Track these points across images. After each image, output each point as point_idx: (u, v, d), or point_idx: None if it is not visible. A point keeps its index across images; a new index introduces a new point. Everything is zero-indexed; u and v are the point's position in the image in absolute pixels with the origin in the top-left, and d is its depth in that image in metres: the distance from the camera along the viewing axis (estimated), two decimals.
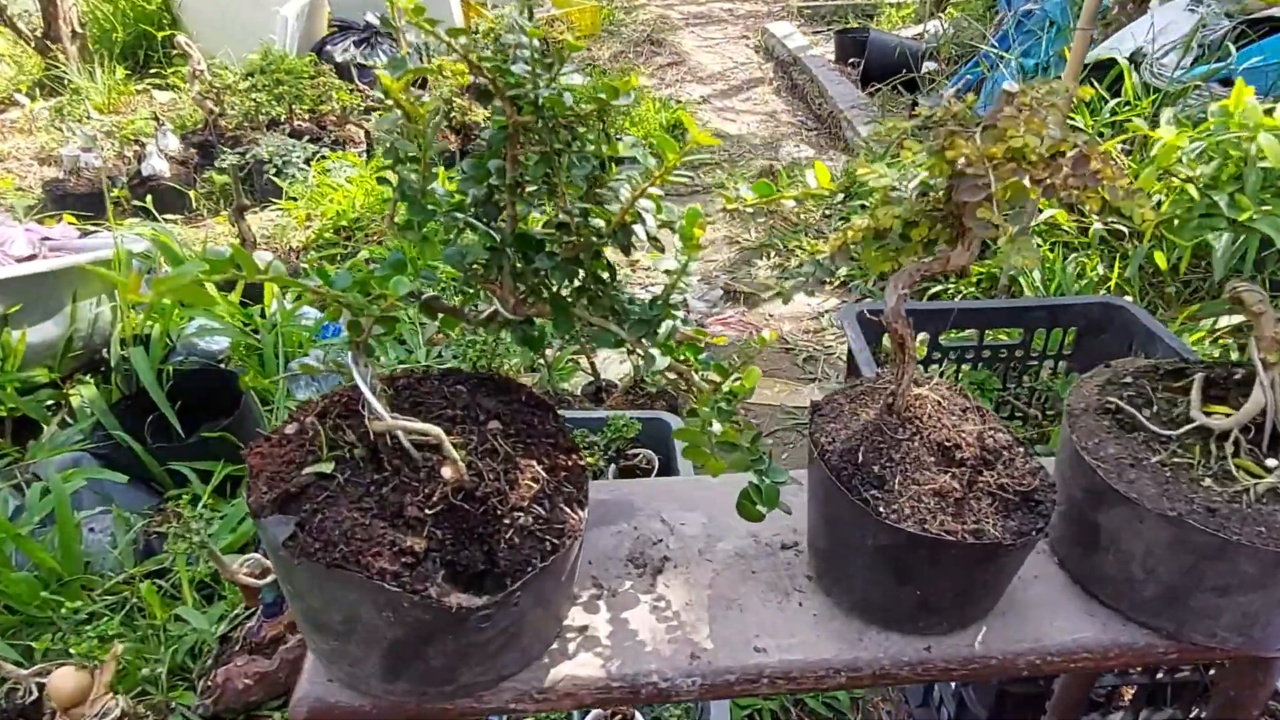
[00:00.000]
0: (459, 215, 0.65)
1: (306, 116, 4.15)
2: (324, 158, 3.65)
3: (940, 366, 2.13)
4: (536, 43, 0.58)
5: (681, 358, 0.62)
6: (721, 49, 6.45)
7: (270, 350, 2.32)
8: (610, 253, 0.66)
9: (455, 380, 0.70)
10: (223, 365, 2.28)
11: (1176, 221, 0.63)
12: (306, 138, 3.85)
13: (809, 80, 5.28)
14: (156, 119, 4.17)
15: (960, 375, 2.12)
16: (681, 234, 0.58)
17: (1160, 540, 0.64)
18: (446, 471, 0.57)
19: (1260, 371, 0.66)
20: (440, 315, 0.71)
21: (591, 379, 2.39)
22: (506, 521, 0.57)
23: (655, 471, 2.05)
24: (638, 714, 1.51)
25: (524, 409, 0.68)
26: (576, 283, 0.65)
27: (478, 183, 0.66)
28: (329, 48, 4.97)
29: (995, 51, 3.88)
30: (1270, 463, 0.66)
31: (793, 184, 3.95)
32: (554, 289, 0.64)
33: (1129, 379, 0.76)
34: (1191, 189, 0.62)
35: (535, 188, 0.64)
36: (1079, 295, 2.40)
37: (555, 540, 0.58)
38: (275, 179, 3.56)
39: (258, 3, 5.15)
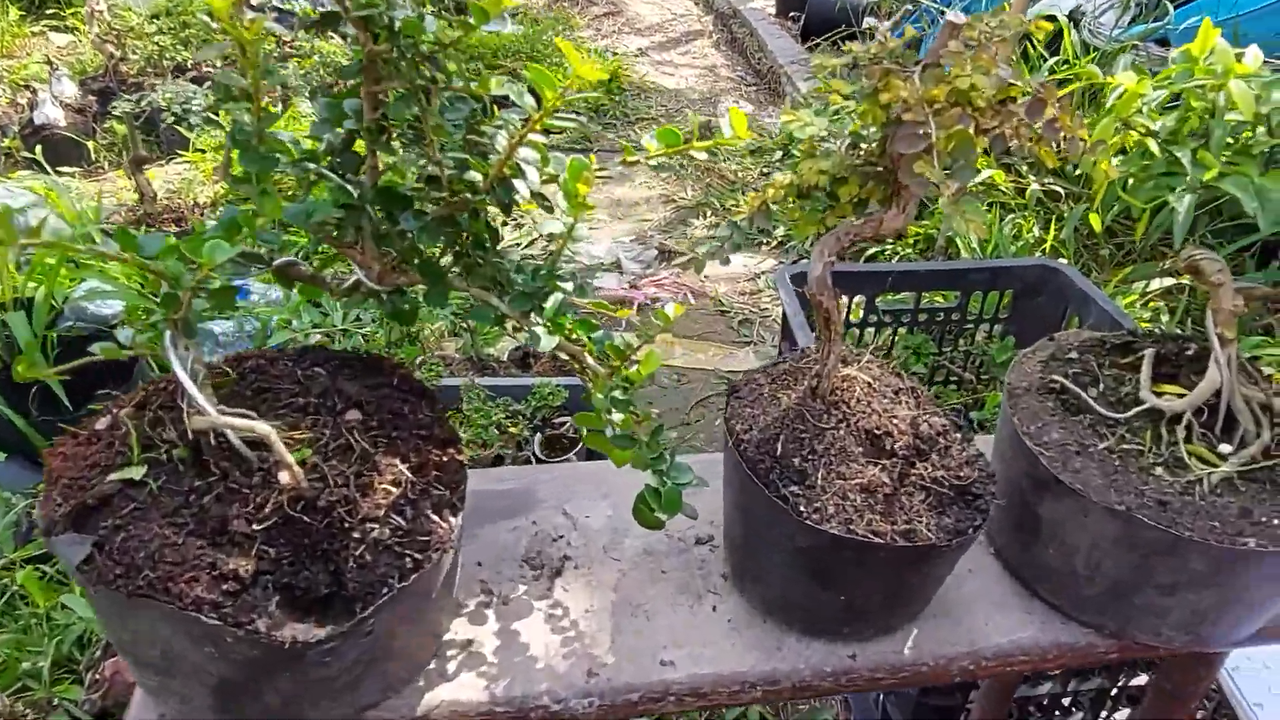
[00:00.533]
0: (310, 165, 0.54)
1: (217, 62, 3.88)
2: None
3: (876, 330, 2.08)
4: None
5: (574, 336, 0.53)
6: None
7: None
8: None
9: (314, 361, 0.60)
10: (115, 330, 2.10)
11: (1132, 180, 0.56)
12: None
13: (749, 34, 5.16)
14: (51, 63, 3.86)
15: (896, 339, 2.08)
16: (565, 190, 0.49)
17: (1106, 535, 0.58)
18: (283, 477, 0.47)
19: (1216, 348, 0.60)
20: (297, 284, 0.61)
21: (518, 344, 2.28)
22: (356, 535, 0.48)
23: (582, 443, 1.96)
24: None
25: (394, 395, 0.59)
26: (454, 248, 0.55)
27: (333, 126, 0.55)
28: None
29: (935, 7, 3.81)
30: (1224, 448, 0.60)
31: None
32: (425, 255, 0.54)
33: (1074, 354, 0.70)
34: (1151, 144, 0.54)
35: (401, 133, 0.53)
36: (1016, 258, 2.37)
37: (417, 556, 0.48)
38: (182, 129, 3.32)
39: None
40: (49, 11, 5.11)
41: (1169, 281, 1.97)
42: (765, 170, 3.59)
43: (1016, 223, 2.56)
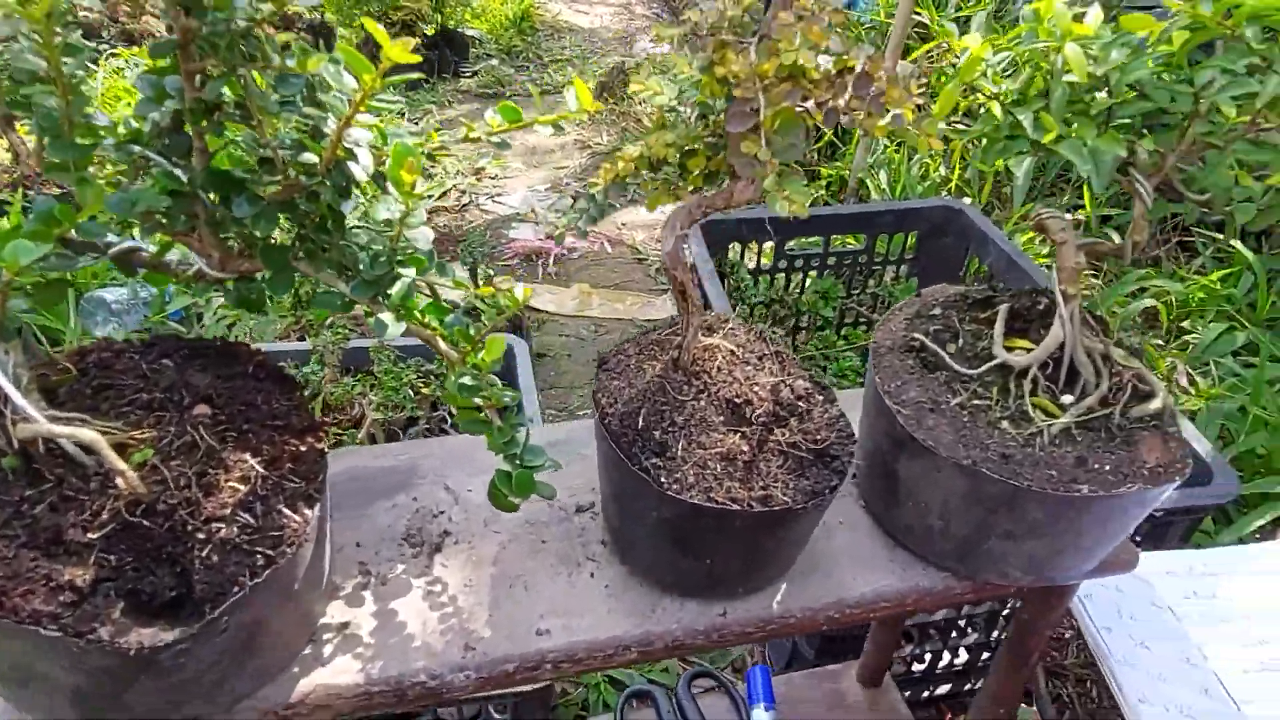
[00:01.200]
0: (135, 149, 0.51)
1: (97, 7, 3.61)
2: (115, 54, 3.20)
3: (787, 275, 2.10)
4: None
5: (426, 320, 0.52)
6: None
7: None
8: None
9: (162, 352, 0.58)
10: None
11: (984, 141, 0.58)
12: (88, 32, 3.36)
13: None
14: None
15: (807, 284, 2.11)
16: (390, 178, 0.47)
17: (956, 490, 0.61)
18: (119, 482, 0.46)
19: (1060, 304, 0.63)
20: (142, 270, 0.58)
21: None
22: (201, 536, 0.47)
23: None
24: None
25: (248, 385, 0.57)
26: (296, 232, 0.53)
27: (157, 104, 0.52)
28: None
29: None
30: (1066, 399, 0.63)
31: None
32: (262, 240, 0.52)
33: (938, 310, 0.72)
34: (995, 107, 0.56)
35: (229, 114, 0.51)
36: (922, 199, 2.42)
37: (269, 552, 0.48)
38: None
39: None
40: None
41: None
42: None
43: (924, 162, 2.60)
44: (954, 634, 1.36)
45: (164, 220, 0.51)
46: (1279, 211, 0.58)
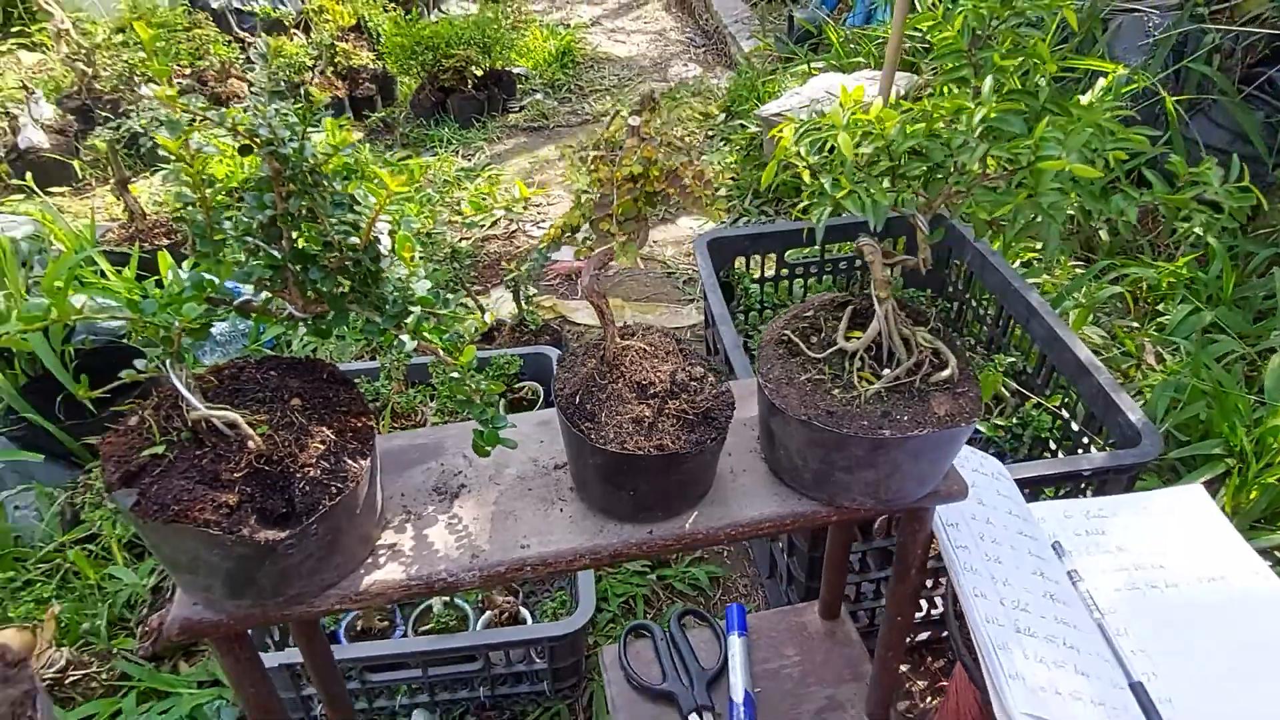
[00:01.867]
0: (248, 239, 0.82)
1: (186, 73, 4.10)
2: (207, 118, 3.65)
3: (789, 282, 2.35)
4: (291, 116, 0.75)
5: (428, 338, 0.81)
6: None
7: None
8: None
9: (269, 367, 0.89)
10: (125, 341, 2.40)
11: (807, 199, 0.83)
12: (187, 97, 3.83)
13: None
14: (26, 87, 4.07)
15: (808, 288, 2.36)
16: (398, 254, 0.77)
17: (803, 438, 0.87)
18: (250, 444, 0.76)
19: (876, 305, 0.89)
20: (254, 315, 0.89)
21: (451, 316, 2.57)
22: (299, 476, 0.77)
23: (540, 401, 2.26)
24: (522, 609, 1.76)
25: (324, 386, 0.88)
26: (349, 285, 0.84)
27: (260, 211, 0.83)
28: None
29: None
30: (886, 372, 0.89)
31: (678, 106, 4.08)
32: (328, 292, 0.83)
33: (810, 312, 0.98)
34: (806, 174, 0.81)
35: (303, 216, 0.81)
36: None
37: (340, 485, 0.78)
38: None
39: None
40: (14, 30, 5.27)
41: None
42: (710, 134, 3.82)
43: (901, 197, 2.82)
44: (929, 585, 1.60)
45: (267, 283, 0.82)
46: (1019, 225, 0.83)
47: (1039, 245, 2.43)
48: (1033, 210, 0.80)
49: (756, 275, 2.31)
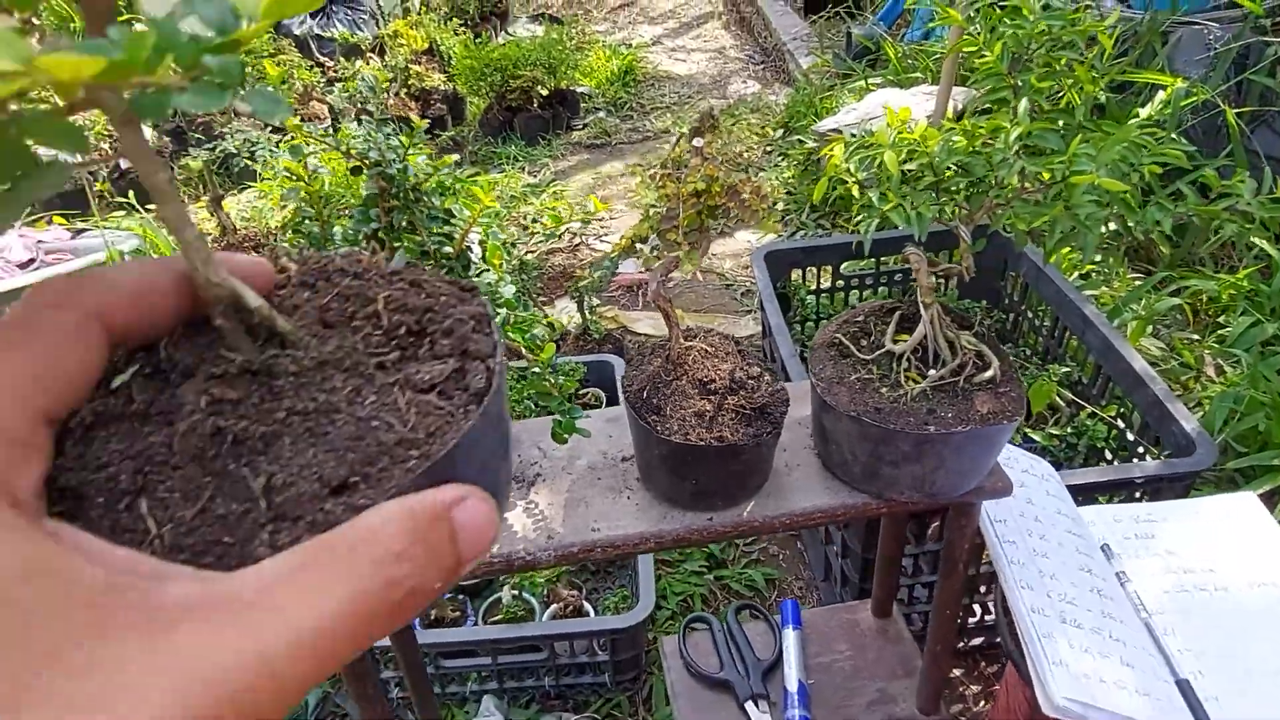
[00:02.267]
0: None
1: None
2: (292, 138, 3.87)
3: (845, 293, 2.41)
4: (395, 141, 0.86)
5: (512, 337, 0.91)
6: None
7: None
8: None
9: None
10: None
11: (856, 212, 0.90)
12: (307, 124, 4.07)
13: (755, 12, 5.41)
14: None
15: (863, 299, 2.41)
16: (488, 261, 0.87)
17: (852, 433, 0.94)
18: None
19: (922, 310, 0.95)
20: None
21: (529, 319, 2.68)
22: None
23: (603, 405, 2.36)
24: (585, 603, 1.85)
25: None
26: None
27: (366, 224, 0.94)
28: (285, 21, 5.11)
29: None
30: (931, 373, 0.95)
31: (736, 122, 4.16)
32: None
33: (860, 318, 1.05)
34: (855, 189, 0.88)
35: (405, 229, 0.92)
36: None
37: None
38: (250, 162, 3.80)
39: None
40: None
41: None
42: (768, 149, 3.90)
43: (944, 209, 2.84)
44: (983, 590, 1.64)
45: None
46: (1059, 235, 0.89)
47: (1098, 257, 2.44)
48: (1069, 222, 0.86)
49: (813, 286, 2.37)
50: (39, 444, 0.31)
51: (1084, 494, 1.50)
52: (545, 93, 4.32)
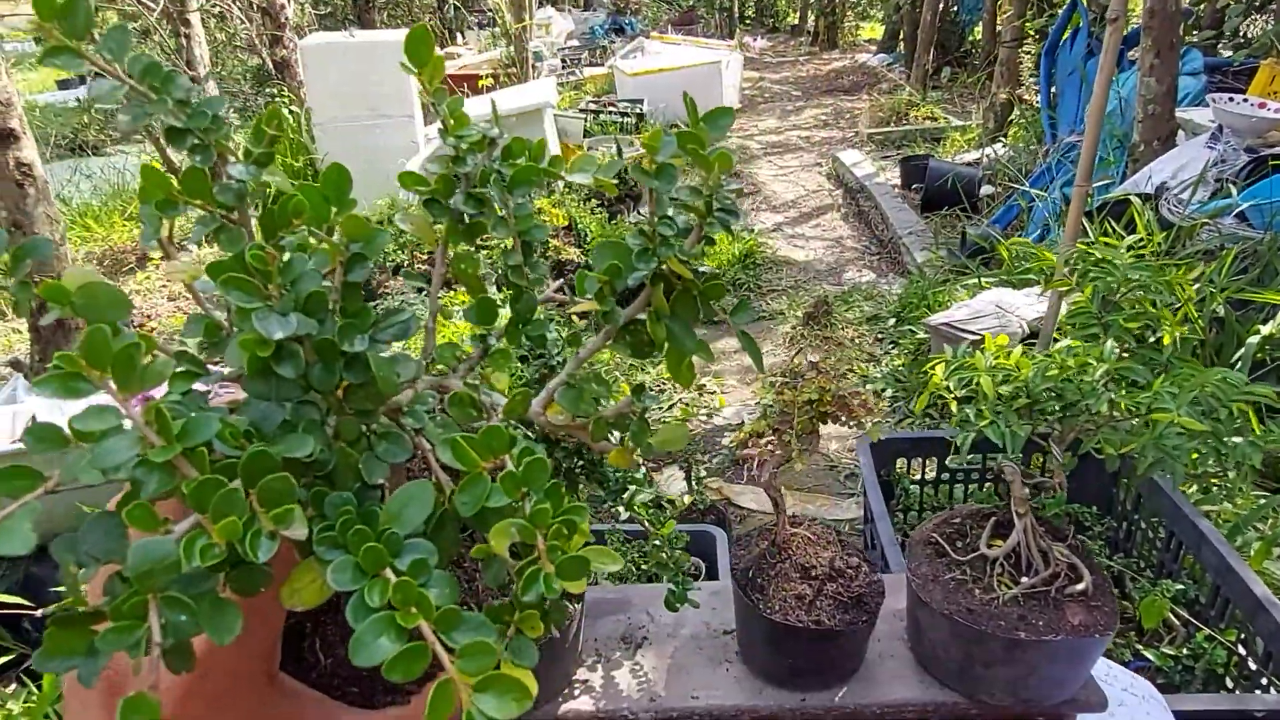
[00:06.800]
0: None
1: (425, 258, 4.85)
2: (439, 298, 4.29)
3: (949, 486, 2.43)
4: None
5: (639, 511, 1.03)
6: (795, 177, 6.99)
7: None
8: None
9: None
10: None
11: (955, 423, 1.00)
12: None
13: (873, 206, 5.71)
14: None
15: (969, 494, 2.42)
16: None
17: (945, 631, 1.00)
18: None
19: (1016, 519, 1.03)
20: None
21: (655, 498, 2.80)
22: None
23: (702, 575, 2.41)
24: None
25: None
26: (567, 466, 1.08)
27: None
28: None
29: (1034, 191, 4.22)
30: (1024, 580, 1.01)
31: (849, 308, 4.34)
32: (568, 468, 1.08)
33: (958, 520, 1.13)
34: (954, 405, 0.99)
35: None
36: None
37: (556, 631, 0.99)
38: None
39: (387, 157, 6.00)
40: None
41: None
42: (879, 336, 4.03)
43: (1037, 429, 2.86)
44: None
45: None
46: (1149, 462, 0.96)
47: (1215, 470, 2.39)
48: (1157, 452, 0.94)
49: (917, 476, 2.42)
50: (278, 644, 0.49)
51: None
52: None
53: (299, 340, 0.64)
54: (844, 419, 0.93)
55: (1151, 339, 1.04)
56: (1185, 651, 1.75)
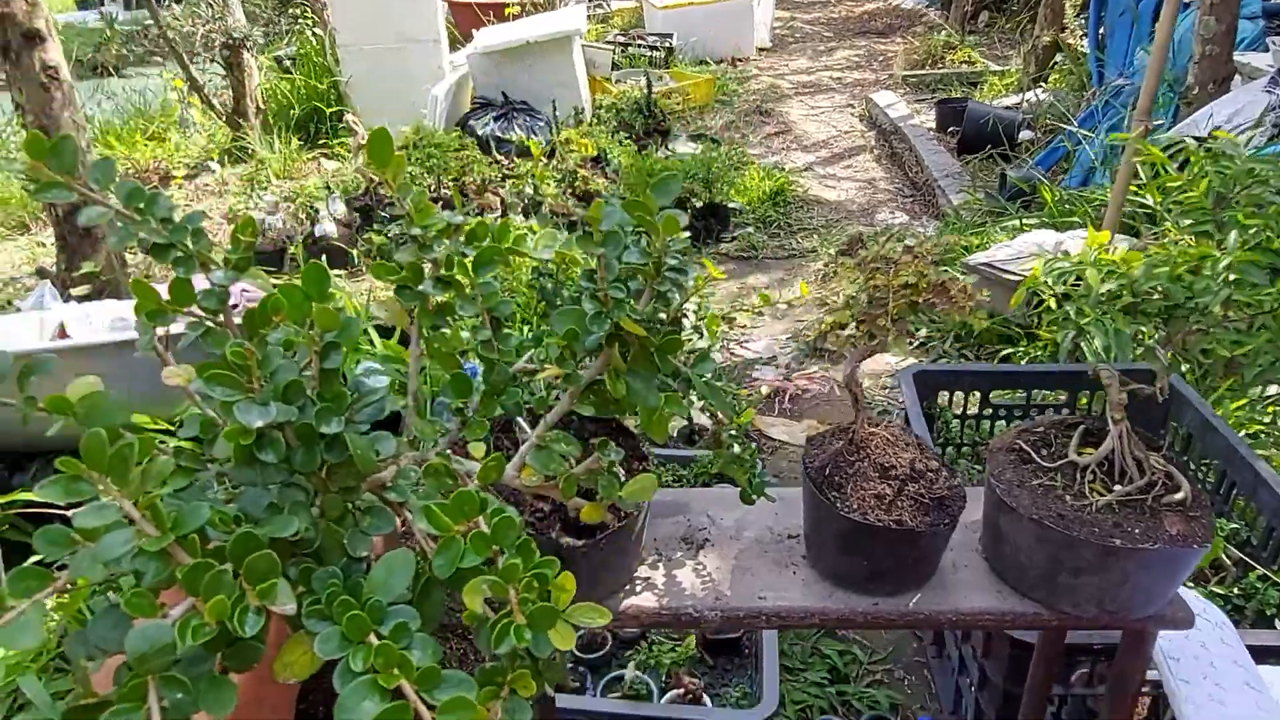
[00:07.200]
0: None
1: (451, 184, 4.76)
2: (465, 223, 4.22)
3: (991, 421, 2.38)
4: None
5: (710, 401, 0.98)
6: (827, 117, 6.82)
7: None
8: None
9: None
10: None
11: (1051, 322, 0.94)
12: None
13: (908, 149, 5.56)
14: (328, 187, 4.86)
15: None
16: (707, 329, 0.95)
17: (1031, 537, 0.95)
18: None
19: (1111, 425, 0.97)
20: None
21: (686, 423, 2.76)
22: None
23: None
24: (704, 695, 1.84)
25: (614, 434, 1.07)
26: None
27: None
28: (471, 122, 5.62)
29: (1080, 132, 4.08)
30: (1117, 488, 0.96)
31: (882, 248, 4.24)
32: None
33: (1040, 429, 1.08)
34: (1052, 302, 0.93)
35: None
36: (1130, 364, 2.60)
37: (620, 521, 0.95)
38: None
39: (412, 82, 5.87)
40: (320, 142, 6.30)
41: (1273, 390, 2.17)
42: None
43: (1140, 330, 2.78)
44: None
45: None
46: (1258, 369, 0.90)
47: (1266, 419, 2.33)
48: (1274, 354, 0.88)
49: (958, 411, 2.36)
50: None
51: (1257, 658, 1.41)
52: (699, 204, 4.54)
53: (279, 427, 0.61)
54: (940, 305, 0.87)
55: (1265, 240, 0.97)
56: (1236, 591, 1.72)
